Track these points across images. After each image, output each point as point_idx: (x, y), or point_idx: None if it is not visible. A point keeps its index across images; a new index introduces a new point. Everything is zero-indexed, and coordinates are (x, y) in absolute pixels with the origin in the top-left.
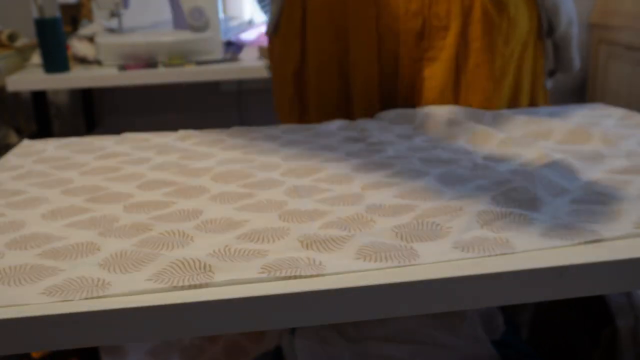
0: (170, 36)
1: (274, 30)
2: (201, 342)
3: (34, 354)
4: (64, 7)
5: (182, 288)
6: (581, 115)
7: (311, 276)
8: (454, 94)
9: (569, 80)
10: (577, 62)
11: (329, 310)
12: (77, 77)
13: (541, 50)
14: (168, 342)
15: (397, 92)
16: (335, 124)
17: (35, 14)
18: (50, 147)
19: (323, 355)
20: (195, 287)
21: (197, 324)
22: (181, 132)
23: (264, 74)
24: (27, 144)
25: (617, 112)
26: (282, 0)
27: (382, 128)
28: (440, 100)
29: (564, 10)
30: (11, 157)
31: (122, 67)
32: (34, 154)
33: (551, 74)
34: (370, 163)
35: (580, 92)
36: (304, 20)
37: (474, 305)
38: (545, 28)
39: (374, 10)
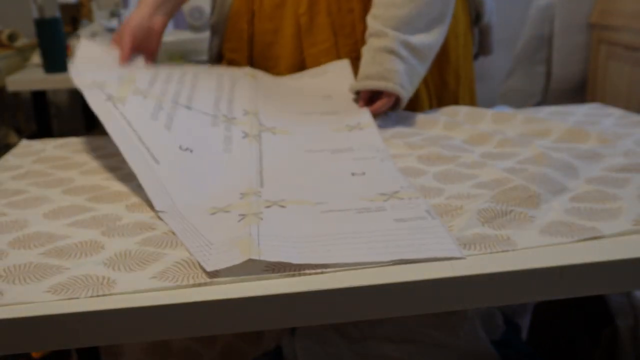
0: (170, 36)
1: (217, 60)
2: (198, 347)
3: (34, 354)
4: (64, 7)
5: (187, 286)
6: (580, 115)
7: (315, 273)
8: (424, 85)
9: (569, 81)
10: (494, 47)
11: (329, 310)
12: None
13: (471, 38)
14: (164, 348)
15: None
16: None
17: (35, 14)
18: (49, 147)
19: (323, 355)
20: (200, 285)
21: (198, 323)
22: None
23: None
24: (26, 144)
25: (616, 112)
26: (223, 27)
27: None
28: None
29: (487, 0)
30: (10, 157)
31: None
32: (34, 154)
33: (474, 57)
34: None
35: (580, 92)
36: (251, 50)
37: (474, 305)
38: (473, 18)
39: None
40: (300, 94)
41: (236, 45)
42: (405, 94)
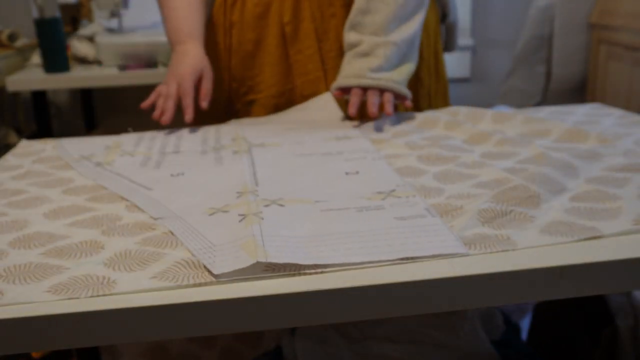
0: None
1: None
2: (196, 349)
3: (34, 354)
4: (64, 7)
5: (187, 286)
6: (580, 115)
7: (314, 273)
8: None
9: (569, 81)
10: (457, 43)
11: (329, 310)
12: (77, 77)
13: (439, 35)
14: (162, 350)
15: None
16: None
17: (35, 14)
18: (49, 147)
19: (323, 355)
20: (200, 285)
21: (198, 323)
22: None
23: None
24: (25, 144)
25: (616, 112)
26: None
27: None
28: None
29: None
30: (10, 157)
31: (122, 67)
32: (33, 154)
33: None
34: None
35: (580, 92)
36: (229, 57)
37: (474, 305)
38: (440, 16)
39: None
40: (287, 122)
41: (214, 56)
42: (389, 84)
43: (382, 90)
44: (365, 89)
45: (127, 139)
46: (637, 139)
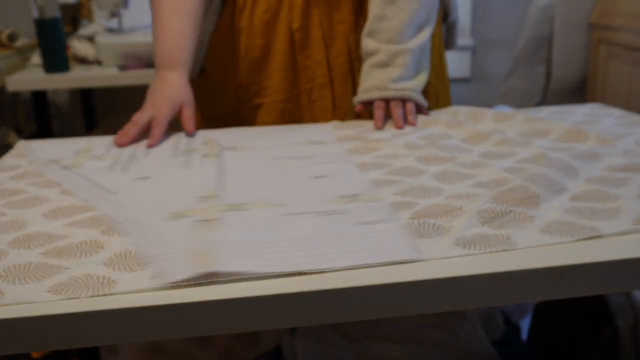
0: None
1: (199, 73)
2: (195, 350)
3: (34, 354)
4: (64, 7)
5: (187, 286)
6: (580, 115)
7: (315, 273)
8: None
9: (569, 81)
10: (457, 42)
11: (329, 310)
12: (77, 77)
13: (441, 35)
14: (161, 352)
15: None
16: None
17: (35, 14)
18: (46, 147)
19: (323, 355)
20: (200, 285)
21: (198, 323)
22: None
23: None
24: (23, 145)
25: (616, 112)
26: (206, 44)
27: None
28: None
29: None
30: (8, 157)
31: (122, 67)
32: (31, 155)
33: None
34: (367, 161)
35: (580, 92)
36: (236, 62)
37: (474, 305)
38: (441, 15)
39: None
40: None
41: (221, 61)
42: (412, 94)
43: (403, 101)
44: (387, 101)
45: (99, 142)
46: (637, 139)
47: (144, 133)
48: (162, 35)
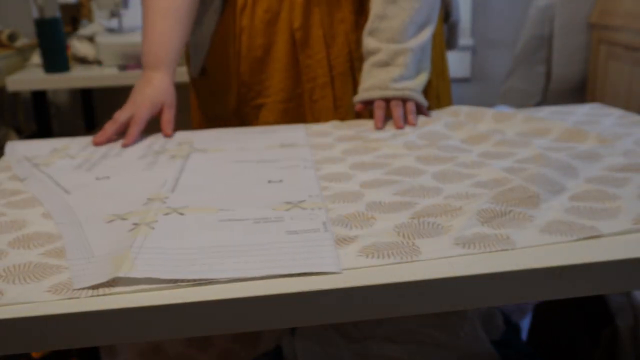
0: None
1: (201, 73)
2: (194, 352)
3: (34, 354)
4: (64, 7)
5: (187, 286)
6: (580, 115)
7: (315, 273)
8: None
9: (569, 81)
10: (459, 42)
11: (329, 310)
12: (77, 77)
13: (443, 35)
14: (159, 353)
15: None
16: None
17: (35, 14)
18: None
19: (323, 355)
20: (200, 285)
21: (199, 323)
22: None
23: None
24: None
25: (616, 112)
26: (208, 44)
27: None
28: None
29: None
30: (8, 158)
31: (122, 67)
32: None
33: None
34: (367, 161)
35: (580, 92)
36: (237, 61)
37: (474, 305)
38: (443, 15)
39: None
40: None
41: (222, 61)
42: (412, 94)
43: (404, 100)
44: (387, 100)
45: (80, 141)
46: (636, 139)
47: (124, 131)
48: (149, 35)
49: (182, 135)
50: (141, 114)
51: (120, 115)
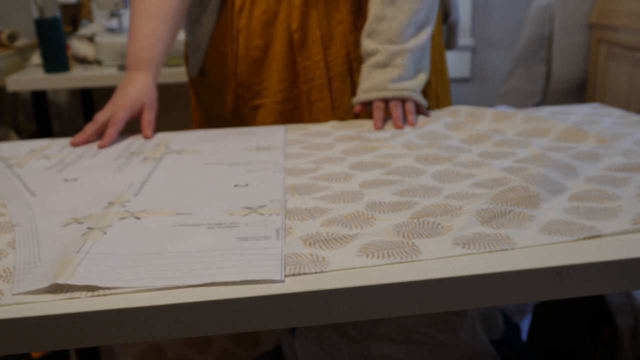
0: None
1: (199, 73)
2: (193, 353)
3: (34, 354)
4: (64, 7)
5: (186, 286)
6: (580, 115)
7: (315, 273)
8: None
9: (569, 81)
10: (458, 42)
11: (329, 310)
12: (77, 77)
13: (442, 35)
14: (159, 354)
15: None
16: (330, 123)
17: (35, 14)
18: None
19: (323, 355)
20: (199, 285)
21: (198, 323)
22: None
23: None
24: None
25: (616, 112)
26: (206, 45)
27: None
28: None
29: None
30: None
31: (122, 67)
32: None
33: None
34: (367, 161)
35: (580, 92)
36: (235, 62)
37: (474, 305)
38: (442, 16)
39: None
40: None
41: (220, 62)
42: (412, 94)
43: (403, 100)
44: (386, 101)
45: (60, 142)
46: (636, 139)
47: (103, 132)
48: (134, 36)
49: (161, 137)
50: (120, 114)
51: (100, 116)
